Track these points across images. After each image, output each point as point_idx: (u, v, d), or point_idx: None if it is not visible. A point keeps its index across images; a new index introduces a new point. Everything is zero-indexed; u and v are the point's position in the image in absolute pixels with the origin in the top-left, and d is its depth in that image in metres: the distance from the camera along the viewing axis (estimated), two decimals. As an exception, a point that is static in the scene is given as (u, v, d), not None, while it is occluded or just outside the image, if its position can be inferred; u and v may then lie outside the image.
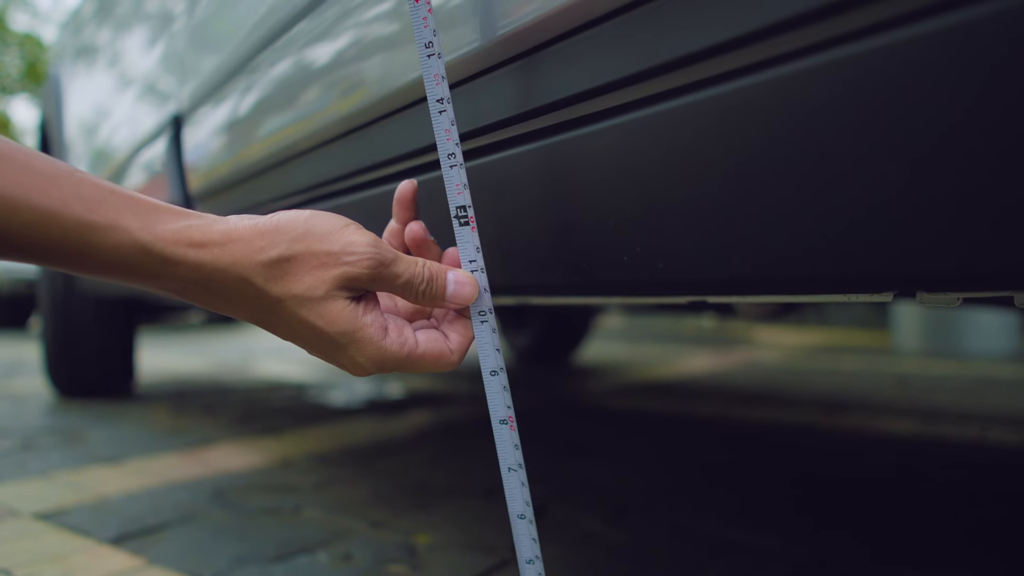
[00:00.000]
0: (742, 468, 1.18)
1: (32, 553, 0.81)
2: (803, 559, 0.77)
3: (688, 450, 1.31)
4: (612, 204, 0.36)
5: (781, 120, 0.28)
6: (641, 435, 1.45)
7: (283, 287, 0.39)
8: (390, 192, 0.54)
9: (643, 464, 1.21)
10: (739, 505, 0.97)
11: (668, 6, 0.30)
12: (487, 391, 0.44)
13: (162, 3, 1.06)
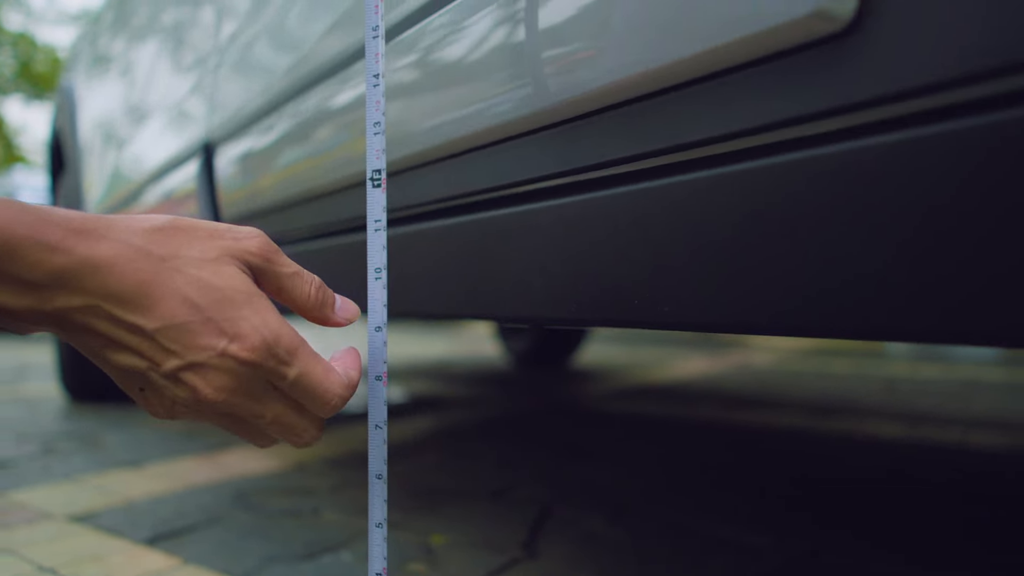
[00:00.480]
0: (737, 469, 1.25)
1: (72, 554, 0.87)
2: (795, 554, 0.83)
3: (685, 452, 1.38)
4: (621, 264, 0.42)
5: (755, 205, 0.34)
6: (639, 437, 1.51)
7: (171, 249, 0.36)
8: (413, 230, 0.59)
9: (642, 466, 1.27)
10: (733, 505, 1.03)
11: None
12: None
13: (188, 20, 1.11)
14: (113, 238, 0.34)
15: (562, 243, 0.45)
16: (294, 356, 0.37)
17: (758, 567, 0.80)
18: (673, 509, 1.02)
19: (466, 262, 0.53)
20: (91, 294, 0.34)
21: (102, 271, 0.34)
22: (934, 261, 0.26)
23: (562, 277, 0.45)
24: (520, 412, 1.84)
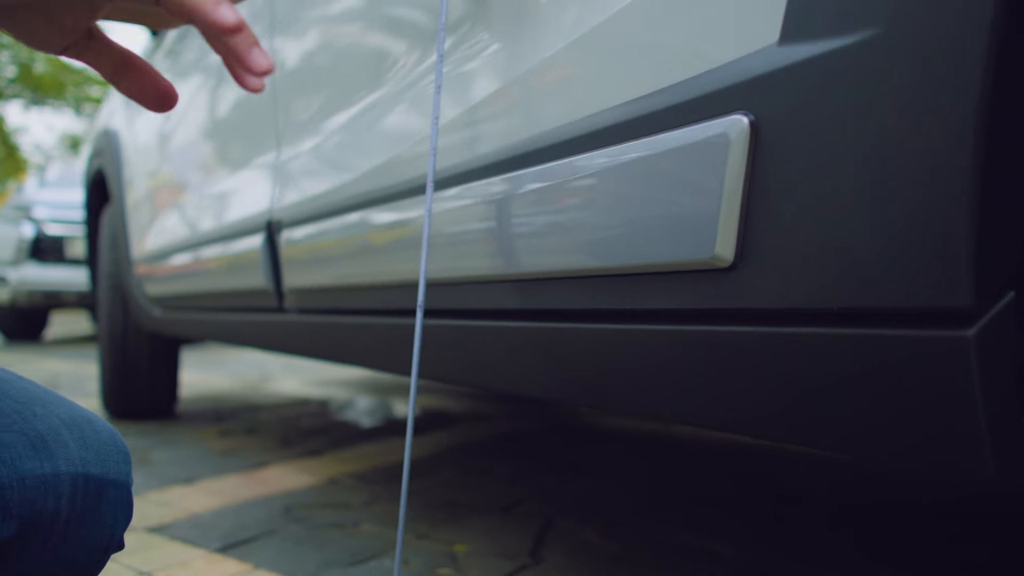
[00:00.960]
0: (708, 483, 1.44)
1: (162, 561, 1.06)
2: (750, 560, 1.03)
3: (667, 467, 1.57)
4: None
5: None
6: (629, 454, 1.71)
7: None
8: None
9: (631, 481, 1.47)
10: (706, 516, 1.23)
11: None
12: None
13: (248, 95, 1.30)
14: None
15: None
16: None
17: (720, 566, 1.00)
18: (657, 522, 1.21)
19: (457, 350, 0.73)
20: None
21: None
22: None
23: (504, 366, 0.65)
24: (523, 429, 2.04)
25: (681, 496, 1.38)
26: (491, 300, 0.68)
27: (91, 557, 0.48)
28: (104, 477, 0.48)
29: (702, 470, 1.59)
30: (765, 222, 0.44)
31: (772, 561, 1.03)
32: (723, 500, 1.35)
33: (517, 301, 0.66)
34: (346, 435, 1.98)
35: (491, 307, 0.69)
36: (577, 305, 0.59)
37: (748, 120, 0.43)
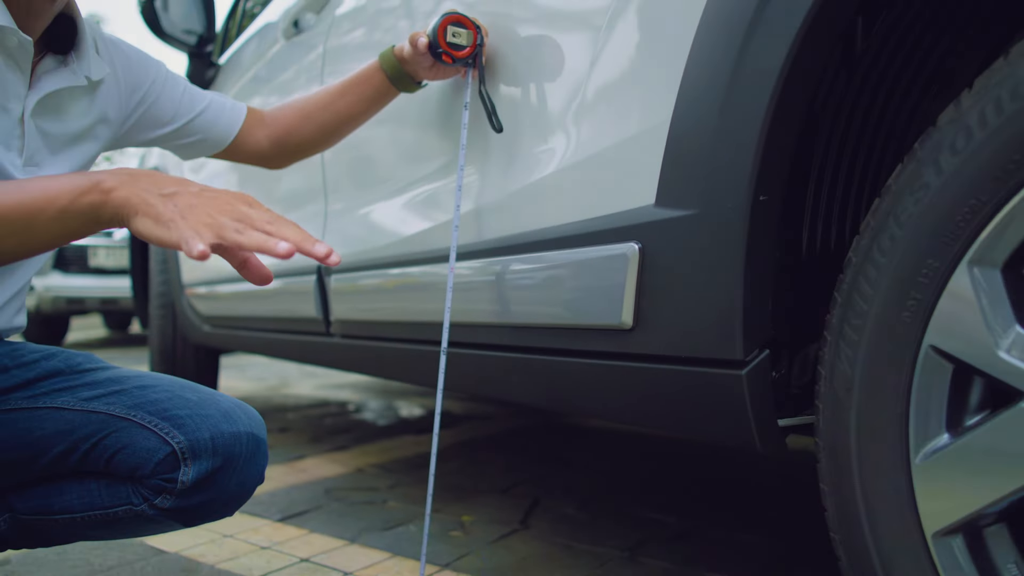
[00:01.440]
0: (662, 471, 1.76)
1: (238, 527, 1.38)
2: (686, 527, 1.35)
3: (630, 460, 1.89)
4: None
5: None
6: (604, 447, 2.03)
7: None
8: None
9: (603, 471, 1.79)
10: (655, 496, 1.55)
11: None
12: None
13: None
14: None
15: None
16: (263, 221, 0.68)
17: (665, 531, 1.32)
18: (620, 500, 1.53)
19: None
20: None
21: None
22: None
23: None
24: (517, 428, 2.36)
25: (640, 481, 1.70)
26: (490, 338, 1.00)
27: (252, 483, 0.81)
28: (259, 436, 0.80)
29: (657, 461, 1.91)
30: (648, 304, 0.76)
31: (699, 526, 1.35)
32: (670, 483, 1.67)
33: (508, 339, 0.98)
34: (366, 432, 2.30)
35: (491, 342, 1.01)
36: (544, 344, 0.91)
37: (638, 247, 0.75)
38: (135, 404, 0.78)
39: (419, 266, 1.13)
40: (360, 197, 1.35)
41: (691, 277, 0.71)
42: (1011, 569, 0.55)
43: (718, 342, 0.69)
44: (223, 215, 0.65)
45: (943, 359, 0.56)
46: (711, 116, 0.68)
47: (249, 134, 1.07)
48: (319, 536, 1.33)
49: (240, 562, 1.20)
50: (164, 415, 0.77)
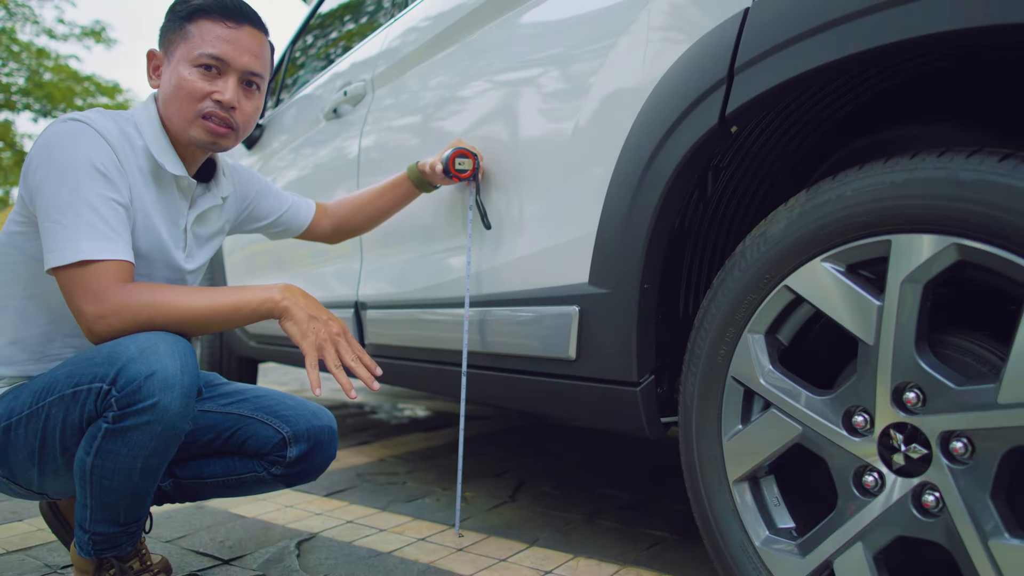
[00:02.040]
0: (623, 459, 2.20)
1: (294, 500, 1.81)
2: (637, 500, 1.78)
3: (599, 450, 2.33)
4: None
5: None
6: (583, 441, 2.47)
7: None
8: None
9: (577, 459, 2.23)
10: (619, 479, 1.98)
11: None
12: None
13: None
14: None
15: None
16: (339, 342, 1.11)
17: (617, 502, 1.76)
18: (587, 481, 1.97)
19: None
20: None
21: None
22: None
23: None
24: (511, 426, 2.80)
25: (603, 467, 2.14)
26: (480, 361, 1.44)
27: (329, 459, 1.24)
28: (334, 428, 1.24)
29: (617, 453, 2.34)
30: (584, 345, 1.20)
31: (644, 499, 1.79)
32: (626, 468, 2.11)
33: (493, 363, 1.42)
34: (383, 430, 2.75)
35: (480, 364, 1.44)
36: (518, 367, 1.35)
37: (578, 308, 1.19)
38: (256, 407, 1.22)
39: (430, 309, 1.58)
40: (388, 256, 1.79)
41: (608, 330, 1.15)
42: (774, 500, 0.99)
43: (623, 370, 1.14)
44: (328, 342, 1.09)
45: (737, 383, 1.00)
46: (617, 234, 1.12)
47: (316, 223, 1.51)
48: (357, 506, 1.77)
49: (302, 523, 1.64)
50: (276, 414, 1.21)
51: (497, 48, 1.44)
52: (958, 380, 0.80)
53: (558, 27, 1.30)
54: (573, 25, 1.26)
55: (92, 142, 1.04)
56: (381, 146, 1.81)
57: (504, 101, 1.41)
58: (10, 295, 1.13)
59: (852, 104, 1.05)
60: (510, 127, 1.39)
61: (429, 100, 1.63)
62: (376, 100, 1.85)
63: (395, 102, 1.78)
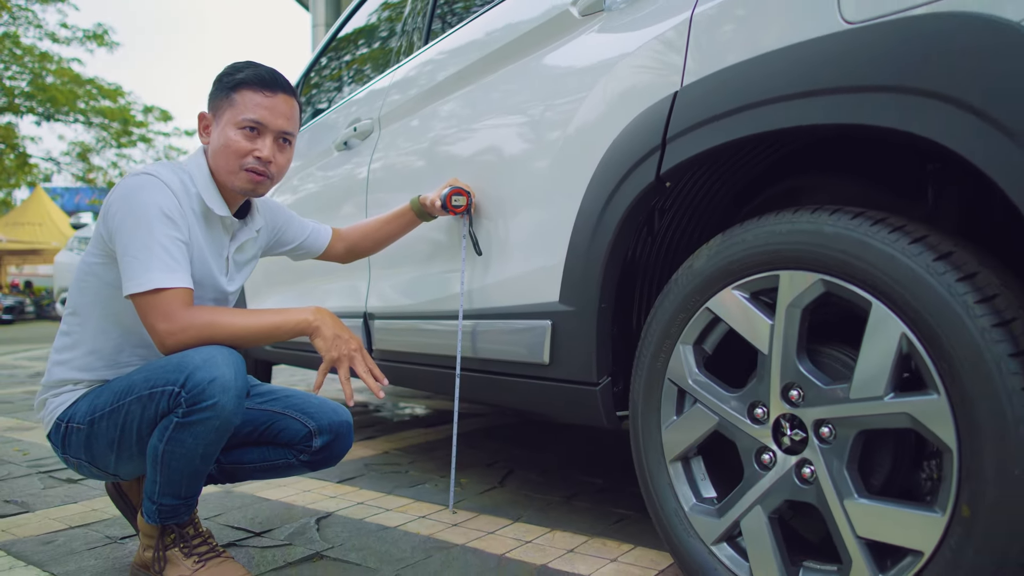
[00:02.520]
0: (599, 452, 2.47)
1: (311, 485, 2.08)
2: (611, 484, 2.05)
3: (581, 443, 2.60)
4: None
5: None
6: (563, 436, 2.73)
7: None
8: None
9: (560, 451, 2.49)
10: (596, 466, 2.25)
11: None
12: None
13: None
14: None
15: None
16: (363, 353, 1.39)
17: (592, 487, 2.02)
18: (567, 469, 2.23)
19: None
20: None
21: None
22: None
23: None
24: (503, 423, 3.06)
25: (582, 458, 2.40)
26: (470, 365, 1.70)
27: (346, 449, 1.50)
28: (351, 423, 1.50)
29: (595, 446, 2.61)
30: (555, 352, 1.46)
31: (617, 485, 2.05)
32: (602, 459, 2.37)
33: (480, 367, 1.68)
34: (386, 427, 3.01)
35: (470, 368, 1.71)
36: (501, 370, 1.61)
37: (550, 322, 1.46)
38: (287, 405, 1.48)
39: (429, 320, 1.84)
40: (392, 275, 2.06)
41: (573, 341, 1.42)
42: (700, 476, 1.26)
43: (586, 372, 1.40)
44: (345, 357, 1.35)
45: (672, 384, 1.26)
46: (580, 263, 1.39)
47: (332, 246, 1.77)
48: (366, 490, 2.04)
49: (319, 504, 1.91)
50: (303, 411, 1.47)
51: (483, 102, 1.71)
52: (826, 381, 1.06)
53: (533, 91, 1.56)
54: (545, 90, 1.53)
55: (161, 192, 1.30)
56: (387, 173, 2.08)
57: (490, 147, 1.67)
58: (89, 314, 1.39)
59: (765, 163, 1.32)
60: (496, 170, 1.66)
61: (428, 140, 1.90)
62: (382, 136, 2.11)
63: (399, 139, 2.04)
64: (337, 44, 2.83)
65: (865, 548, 1.00)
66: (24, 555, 1.54)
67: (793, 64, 1.04)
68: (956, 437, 0.90)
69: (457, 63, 1.81)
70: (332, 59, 2.88)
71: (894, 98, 0.92)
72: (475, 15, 1.82)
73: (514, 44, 1.63)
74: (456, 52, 1.85)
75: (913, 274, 0.93)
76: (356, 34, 2.73)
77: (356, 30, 2.72)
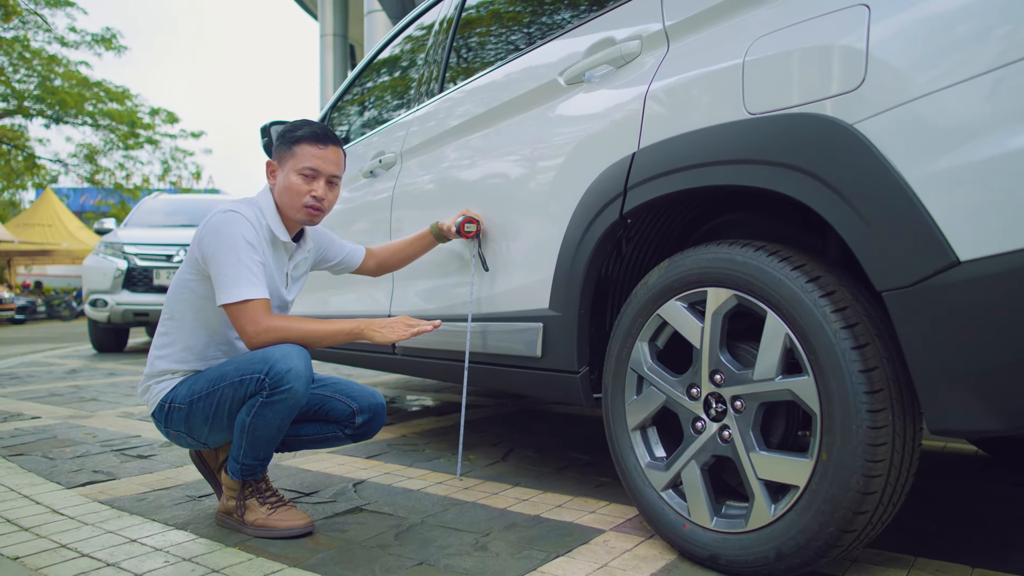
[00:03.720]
0: (587, 433, 2.87)
1: (345, 460, 2.48)
2: (597, 459, 2.45)
3: (570, 425, 3.00)
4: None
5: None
6: (557, 421, 3.14)
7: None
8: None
9: (555, 432, 2.89)
10: (585, 445, 2.65)
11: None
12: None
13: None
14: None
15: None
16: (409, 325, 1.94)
17: (580, 462, 2.42)
18: (559, 448, 2.64)
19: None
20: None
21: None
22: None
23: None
24: (506, 411, 3.47)
25: (573, 438, 2.80)
26: (478, 359, 2.11)
27: (381, 425, 1.91)
28: (384, 404, 1.91)
29: (585, 428, 3.01)
30: (546, 348, 1.86)
31: (601, 460, 2.46)
32: (590, 439, 2.78)
33: (486, 360, 2.08)
34: (403, 415, 3.42)
35: (480, 360, 2.12)
36: (503, 363, 2.02)
37: (542, 324, 1.86)
38: (335, 390, 1.88)
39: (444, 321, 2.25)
40: (413, 285, 2.47)
41: (559, 339, 1.82)
42: (654, 440, 1.66)
43: (569, 363, 1.80)
44: (397, 330, 1.76)
45: (633, 372, 1.66)
46: (564, 278, 1.79)
47: (365, 263, 2.18)
48: (390, 464, 2.44)
49: (353, 474, 2.31)
50: (348, 395, 1.87)
51: (487, 147, 2.12)
52: (739, 367, 1.46)
53: (528, 141, 1.97)
54: (538, 141, 1.93)
55: (244, 225, 1.71)
56: (407, 197, 2.48)
57: (493, 184, 2.08)
58: (183, 319, 1.79)
59: (703, 205, 1.72)
60: (499, 203, 2.06)
61: (442, 173, 2.31)
62: (404, 168, 2.52)
63: (418, 171, 2.45)
64: (361, 80, 3.24)
65: (763, 486, 1.40)
66: (125, 508, 1.95)
67: (710, 140, 1.44)
68: (819, 405, 1.31)
69: (468, 112, 2.22)
70: (354, 97, 3.29)
71: (773, 169, 1.33)
72: (484, 72, 2.23)
73: (514, 102, 2.04)
74: (466, 103, 2.25)
75: (793, 293, 1.34)
76: (378, 72, 3.14)
77: (377, 69, 3.13)
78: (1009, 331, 1.08)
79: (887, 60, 1.20)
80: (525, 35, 2.18)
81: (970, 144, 1.10)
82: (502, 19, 2.37)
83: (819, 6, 1.32)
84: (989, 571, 1.48)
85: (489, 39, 2.40)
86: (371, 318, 1.83)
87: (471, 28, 2.48)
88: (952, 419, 1.16)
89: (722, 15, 1.52)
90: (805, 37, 1.33)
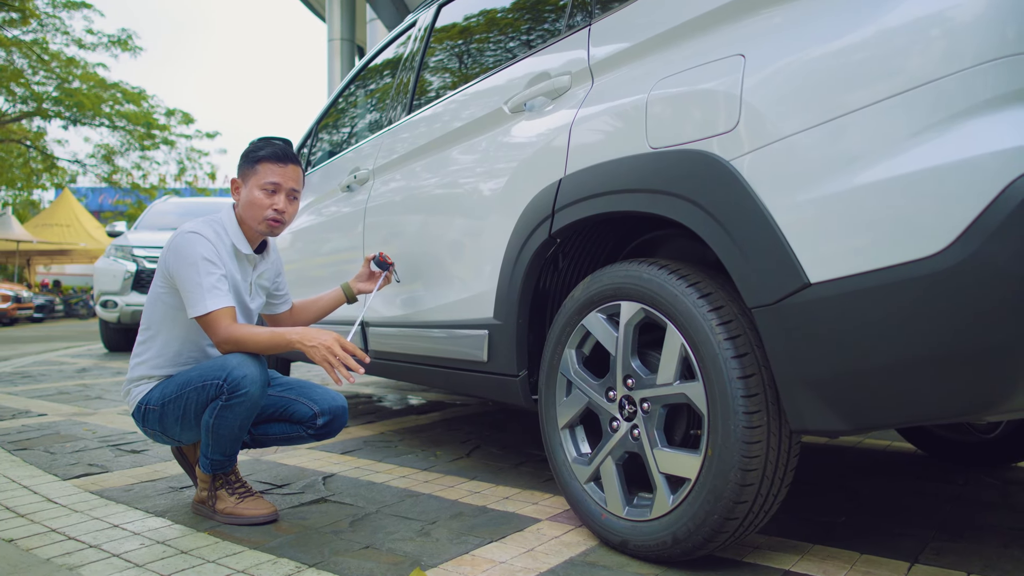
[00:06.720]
0: (561, 434, 3.05)
1: (320, 456, 2.67)
2: (550, 456, 2.62)
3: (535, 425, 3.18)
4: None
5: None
6: (523, 420, 3.31)
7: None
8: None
9: (520, 430, 3.07)
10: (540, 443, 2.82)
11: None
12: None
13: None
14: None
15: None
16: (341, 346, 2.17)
17: (538, 458, 2.60)
18: (525, 446, 2.81)
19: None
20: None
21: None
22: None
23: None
24: (480, 411, 3.65)
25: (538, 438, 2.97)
26: (431, 362, 2.29)
27: (342, 426, 2.09)
28: (346, 407, 2.09)
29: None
30: (491, 353, 2.04)
31: (560, 456, 2.63)
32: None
33: (438, 363, 2.26)
34: (385, 414, 3.61)
35: (436, 364, 2.30)
36: (453, 366, 2.20)
37: (487, 331, 2.04)
38: (299, 393, 2.07)
39: (413, 328, 2.43)
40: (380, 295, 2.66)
41: (502, 344, 2.00)
42: (580, 438, 1.83)
43: (510, 367, 1.98)
44: (329, 353, 1.91)
45: (563, 376, 1.84)
46: (505, 290, 1.96)
47: (283, 314, 2.31)
48: (362, 459, 2.63)
49: (325, 468, 2.50)
50: (310, 398, 2.05)
51: (443, 166, 2.30)
52: (647, 373, 1.63)
53: (477, 162, 2.14)
54: (485, 162, 2.11)
55: (202, 244, 1.89)
56: (379, 207, 2.67)
57: (450, 200, 2.26)
58: (158, 329, 1.99)
59: (631, 222, 1.89)
60: (455, 216, 2.24)
61: (408, 189, 2.49)
62: (376, 184, 2.71)
63: (388, 186, 2.63)
64: (345, 96, 3.43)
65: (664, 479, 1.57)
66: (113, 498, 2.15)
67: (618, 170, 1.61)
68: (707, 406, 1.47)
69: (428, 135, 2.40)
70: (338, 112, 3.48)
71: (667, 198, 1.50)
72: (443, 99, 2.41)
73: (468, 126, 2.22)
74: (429, 125, 2.44)
75: (686, 307, 1.51)
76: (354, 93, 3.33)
77: (356, 88, 3.32)
78: (846, 345, 1.24)
79: (756, 105, 1.37)
80: (480, 65, 2.36)
81: (819, 180, 1.27)
82: (462, 50, 2.55)
83: (706, 54, 1.49)
84: (875, 557, 1.64)
85: (451, 66, 2.58)
86: (342, 325, 2.00)
87: (435, 54, 2.66)
88: (808, 420, 1.33)
89: (636, 56, 1.69)
90: (696, 80, 1.50)
